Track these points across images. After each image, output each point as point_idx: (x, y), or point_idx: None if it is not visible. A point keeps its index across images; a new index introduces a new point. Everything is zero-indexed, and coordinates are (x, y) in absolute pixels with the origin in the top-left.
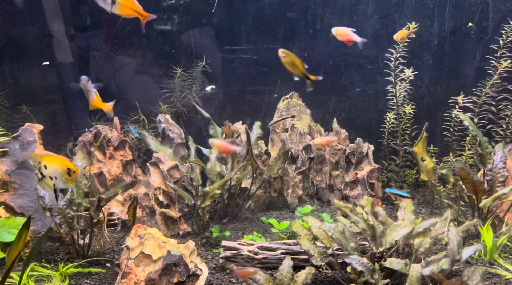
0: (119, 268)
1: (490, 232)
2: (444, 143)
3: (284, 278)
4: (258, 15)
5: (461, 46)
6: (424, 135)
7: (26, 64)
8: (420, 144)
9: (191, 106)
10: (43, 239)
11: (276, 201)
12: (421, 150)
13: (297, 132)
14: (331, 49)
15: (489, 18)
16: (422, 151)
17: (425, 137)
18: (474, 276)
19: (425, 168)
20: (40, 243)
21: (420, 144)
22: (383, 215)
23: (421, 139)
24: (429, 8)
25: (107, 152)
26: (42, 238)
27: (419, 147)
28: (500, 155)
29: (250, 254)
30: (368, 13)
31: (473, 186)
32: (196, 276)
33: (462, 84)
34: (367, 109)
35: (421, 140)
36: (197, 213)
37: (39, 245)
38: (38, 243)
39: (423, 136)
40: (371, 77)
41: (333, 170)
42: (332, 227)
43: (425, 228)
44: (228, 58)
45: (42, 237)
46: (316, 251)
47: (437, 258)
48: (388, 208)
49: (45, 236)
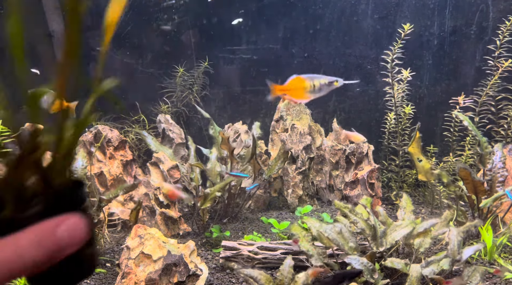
0: (119, 268)
1: (490, 232)
2: (444, 143)
3: (285, 278)
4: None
5: (461, 46)
6: (417, 136)
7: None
8: (414, 144)
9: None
10: None
11: (276, 201)
12: (416, 151)
13: (297, 132)
14: (331, 49)
15: (489, 18)
16: (417, 152)
17: (419, 137)
18: (474, 276)
19: (423, 169)
20: None
21: (414, 145)
22: (383, 215)
23: (414, 139)
24: (429, 8)
25: (107, 152)
26: None
27: (414, 147)
28: (499, 155)
29: (250, 254)
30: (368, 13)
31: (474, 186)
32: (196, 276)
33: (462, 84)
34: (367, 109)
35: (415, 141)
36: (197, 213)
37: None
38: None
39: (416, 137)
40: (371, 77)
41: (333, 170)
42: (329, 228)
43: (425, 228)
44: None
45: None
46: (315, 252)
47: (437, 258)
48: (388, 208)
49: None
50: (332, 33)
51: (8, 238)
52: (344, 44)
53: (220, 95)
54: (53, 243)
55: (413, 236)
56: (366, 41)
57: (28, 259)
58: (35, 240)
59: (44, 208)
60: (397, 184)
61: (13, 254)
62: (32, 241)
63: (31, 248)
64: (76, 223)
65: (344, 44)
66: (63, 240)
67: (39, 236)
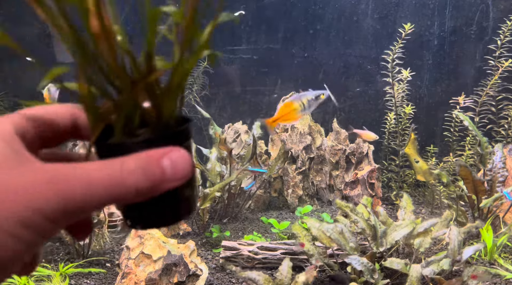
0: (119, 268)
1: (490, 232)
2: (444, 143)
3: (284, 278)
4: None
5: (461, 46)
6: (412, 137)
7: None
8: (410, 145)
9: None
10: None
11: (276, 201)
12: (413, 152)
13: (297, 132)
14: (331, 49)
15: (489, 18)
16: (414, 153)
17: (414, 138)
18: None
19: (421, 170)
20: None
21: (410, 146)
22: (383, 215)
23: (409, 141)
24: (429, 8)
25: None
26: None
27: (410, 148)
28: (499, 155)
29: (250, 254)
30: (368, 12)
31: (474, 186)
32: (196, 276)
33: (462, 84)
34: (367, 109)
35: (410, 142)
36: (197, 213)
37: None
38: None
39: (411, 138)
40: (371, 77)
41: (333, 170)
42: (331, 228)
43: (425, 228)
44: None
45: None
46: (316, 252)
47: (437, 258)
48: (388, 208)
49: None
50: (332, 33)
51: (115, 160)
52: (344, 44)
53: (220, 95)
54: (158, 172)
55: (413, 236)
56: (366, 41)
57: (131, 184)
58: (140, 166)
59: (152, 137)
60: (397, 184)
61: (118, 177)
62: (138, 166)
63: (136, 173)
64: (181, 157)
65: (344, 44)
66: (167, 171)
67: (145, 163)
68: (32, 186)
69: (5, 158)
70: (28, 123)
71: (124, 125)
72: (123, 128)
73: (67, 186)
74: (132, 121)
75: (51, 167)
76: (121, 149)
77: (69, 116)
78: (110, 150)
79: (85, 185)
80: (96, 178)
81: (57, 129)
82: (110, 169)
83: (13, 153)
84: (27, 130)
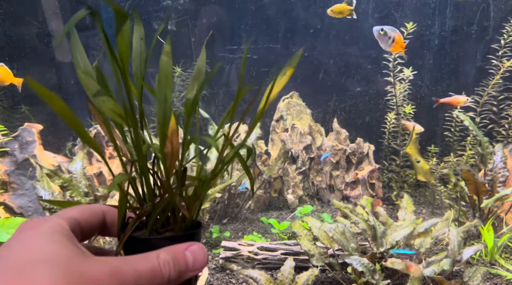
0: None
1: (491, 233)
2: (445, 143)
3: (285, 278)
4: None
5: (462, 46)
6: (413, 137)
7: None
8: (411, 145)
9: None
10: None
11: (276, 201)
12: (414, 152)
13: (297, 132)
14: (331, 48)
15: (490, 18)
16: (415, 152)
17: (416, 138)
18: (475, 277)
19: (421, 170)
20: None
21: (411, 146)
22: (384, 215)
23: (410, 140)
24: (430, 8)
25: (107, 152)
26: None
27: (411, 148)
28: (500, 155)
29: (250, 254)
30: (369, 12)
31: (475, 187)
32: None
33: (463, 83)
34: (368, 109)
35: (412, 142)
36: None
37: None
38: None
39: (412, 138)
40: (371, 77)
41: (333, 170)
42: (333, 228)
43: (426, 228)
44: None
45: None
46: (316, 252)
47: (438, 259)
48: (388, 208)
49: None
50: (332, 32)
51: (152, 253)
52: (344, 43)
53: (220, 95)
54: (184, 263)
55: (413, 237)
56: (366, 41)
57: (165, 274)
58: (172, 257)
59: (174, 235)
60: (398, 184)
61: (157, 270)
62: (170, 258)
63: (168, 265)
64: (200, 249)
65: (344, 44)
66: (190, 262)
67: (175, 255)
68: (100, 279)
69: (74, 253)
70: (75, 221)
71: (152, 224)
72: (152, 226)
73: (124, 277)
74: (159, 220)
75: (106, 260)
76: (149, 243)
77: (101, 215)
78: (140, 243)
79: (136, 276)
80: (142, 271)
81: (92, 227)
82: (150, 262)
83: (76, 248)
84: (75, 228)
